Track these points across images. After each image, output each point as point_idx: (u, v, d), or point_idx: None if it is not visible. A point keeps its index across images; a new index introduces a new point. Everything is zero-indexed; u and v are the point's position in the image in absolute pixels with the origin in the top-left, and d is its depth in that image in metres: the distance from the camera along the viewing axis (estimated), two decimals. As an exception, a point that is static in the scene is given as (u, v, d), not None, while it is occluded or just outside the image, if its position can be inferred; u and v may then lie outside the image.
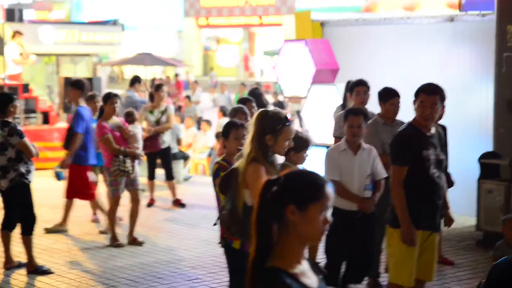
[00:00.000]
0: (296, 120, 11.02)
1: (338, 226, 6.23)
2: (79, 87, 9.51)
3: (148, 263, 8.29)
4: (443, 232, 7.75)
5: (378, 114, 7.32)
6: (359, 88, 7.69)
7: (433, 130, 5.65)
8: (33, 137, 11.30)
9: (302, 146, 5.63)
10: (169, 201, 11.47)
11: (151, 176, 11.35)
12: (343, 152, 6.22)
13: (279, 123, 4.98)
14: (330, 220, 2.68)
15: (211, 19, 46.32)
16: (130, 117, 9.37)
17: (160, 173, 11.70)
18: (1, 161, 7.76)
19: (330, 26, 12.10)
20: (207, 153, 16.02)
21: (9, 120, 7.86)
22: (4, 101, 7.86)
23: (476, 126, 10.10)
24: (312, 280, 2.71)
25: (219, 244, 5.56)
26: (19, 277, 7.80)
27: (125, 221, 9.52)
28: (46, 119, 15.40)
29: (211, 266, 8.07)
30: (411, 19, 11.26)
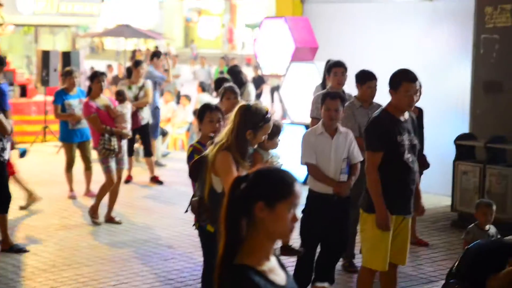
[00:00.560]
0: (275, 95, 10.96)
1: (313, 209, 6.28)
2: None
3: (124, 241, 8.28)
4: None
5: (355, 96, 7.31)
6: (336, 69, 7.65)
7: (406, 115, 5.67)
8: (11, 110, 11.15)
9: (275, 132, 5.63)
10: (147, 178, 11.46)
11: (130, 152, 11.31)
12: (320, 135, 6.22)
13: (261, 120, 4.99)
14: (298, 218, 2.70)
15: (193, -11, 46.03)
16: (120, 96, 9.30)
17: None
18: (-25, 139, 7.65)
19: (310, 3, 12.06)
20: (185, 128, 16.00)
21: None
22: None
23: (453, 107, 10.15)
24: (280, 277, 2.73)
25: (193, 226, 5.58)
26: (-6, 255, 7.77)
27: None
28: (24, 92, 15.27)
29: (188, 246, 8.09)
30: (391, -3, 11.23)
